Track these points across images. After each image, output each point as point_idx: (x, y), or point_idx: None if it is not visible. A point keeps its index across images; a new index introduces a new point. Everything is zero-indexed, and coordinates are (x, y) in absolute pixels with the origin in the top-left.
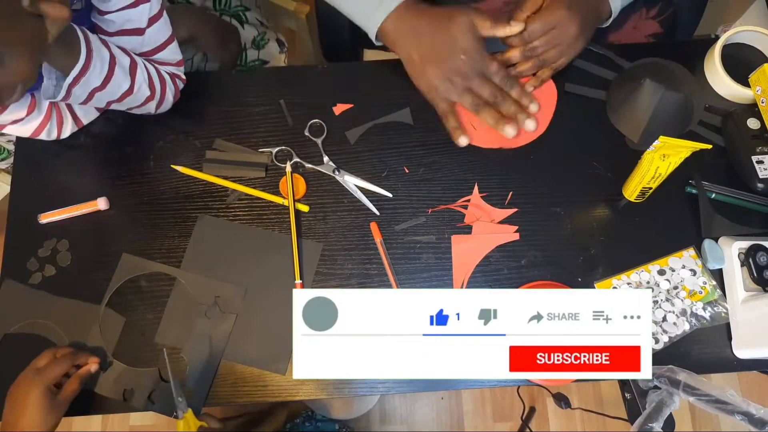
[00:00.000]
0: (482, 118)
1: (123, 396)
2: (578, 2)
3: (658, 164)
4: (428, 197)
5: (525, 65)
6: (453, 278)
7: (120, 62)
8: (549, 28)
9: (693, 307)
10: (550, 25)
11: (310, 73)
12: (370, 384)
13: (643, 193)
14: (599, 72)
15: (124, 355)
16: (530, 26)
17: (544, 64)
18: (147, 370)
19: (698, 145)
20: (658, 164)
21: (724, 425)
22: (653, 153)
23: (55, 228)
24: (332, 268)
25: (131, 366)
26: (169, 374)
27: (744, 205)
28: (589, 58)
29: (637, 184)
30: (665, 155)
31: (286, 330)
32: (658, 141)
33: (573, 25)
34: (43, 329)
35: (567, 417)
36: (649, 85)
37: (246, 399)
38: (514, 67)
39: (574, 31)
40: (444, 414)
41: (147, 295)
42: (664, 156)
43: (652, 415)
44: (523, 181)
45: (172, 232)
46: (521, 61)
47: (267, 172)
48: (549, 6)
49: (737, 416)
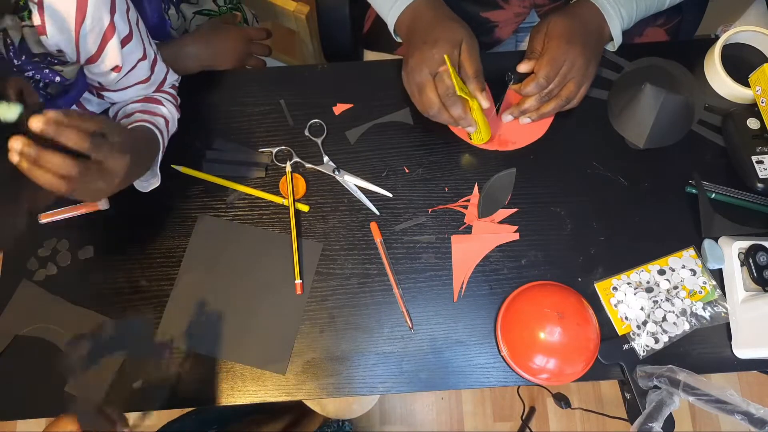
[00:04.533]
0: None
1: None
2: (576, 34)
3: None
4: (428, 197)
5: (547, 107)
6: (453, 278)
7: (165, 114)
8: (558, 70)
9: (693, 307)
10: (558, 67)
11: (310, 73)
12: (370, 384)
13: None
14: (599, 72)
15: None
16: (541, 73)
17: (568, 101)
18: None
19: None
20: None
21: (724, 425)
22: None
23: (55, 228)
24: (332, 268)
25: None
26: None
27: (744, 205)
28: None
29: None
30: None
31: (286, 330)
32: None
33: (579, 57)
34: (53, 335)
35: (567, 417)
36: (650, 89)
37: (246, 399)
38: (537, 112)
39: (582, 62)
40: (444, 414)
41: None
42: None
43: (652, 415)
44: (523, 181)
45: (172, 232)
46: (543, 105)
47: (267, 172)
48: (549, 49)
49: (737, 416)
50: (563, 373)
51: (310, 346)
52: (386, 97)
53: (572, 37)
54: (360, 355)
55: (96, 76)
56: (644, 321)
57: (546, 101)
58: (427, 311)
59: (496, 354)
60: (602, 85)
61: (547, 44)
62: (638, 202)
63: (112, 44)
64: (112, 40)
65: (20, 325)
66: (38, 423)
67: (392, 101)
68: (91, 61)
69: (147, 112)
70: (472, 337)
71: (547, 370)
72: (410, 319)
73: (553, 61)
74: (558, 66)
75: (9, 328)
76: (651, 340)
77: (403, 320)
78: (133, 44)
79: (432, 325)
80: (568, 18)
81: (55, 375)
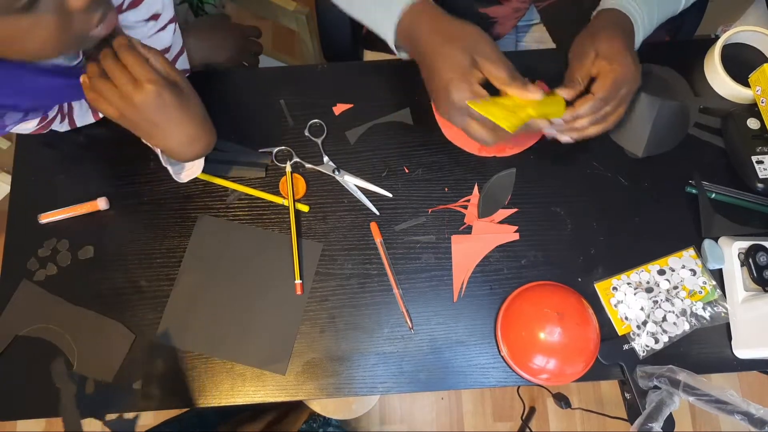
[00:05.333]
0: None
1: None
2: (631, 50)
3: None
4: (428, 197)
5: (595, 129)
6: (453, 278)
7: None
8: (618, 91)
9: (693, 307)
10: (620, 88)
11: (310, 73)
12: (370, 384)
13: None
14: None
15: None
16: (601, 95)
17: (613, 124)
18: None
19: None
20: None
21: (724, 425)
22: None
23: (55, 228)
24: (332, 268)
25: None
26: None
27: (744, 205)
28: None
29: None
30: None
31: (286, 330)
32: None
33: (636, 81)
34: (54, 335)
35: (567, 417)
36: (645, 98)
37: (246, 399)
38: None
39: (636, 84)
40: (444, 414)
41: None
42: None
43: (652, 415)
44: (524, 181)
45: (172, 232)
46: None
47: (267, 172)
48: (613, 68)
49: (737, 416)
50: (563, 374)
51: (310, 347)
52: (386, 97)
53: (629, 57)
54: (360, 355)
55: (130, 29)
56: (644, 321)
57: (599, 122)
58: (427, 311)
59: (496, 354)
60: None
61: (607, 66)
62: (638, 202)
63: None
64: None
65: (20, 325)
66: (38, 423)
67: (392, 101)
68: (134, 4)
69: None
70: (472, 337)
71: (547, 371)
72: (410, 319)
73: (616, 84)
74: (619, 89)
75: (9, 328)
76: (651, 340)
77: (403, 320)
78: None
79: (432, 326)
80: (617, 33)
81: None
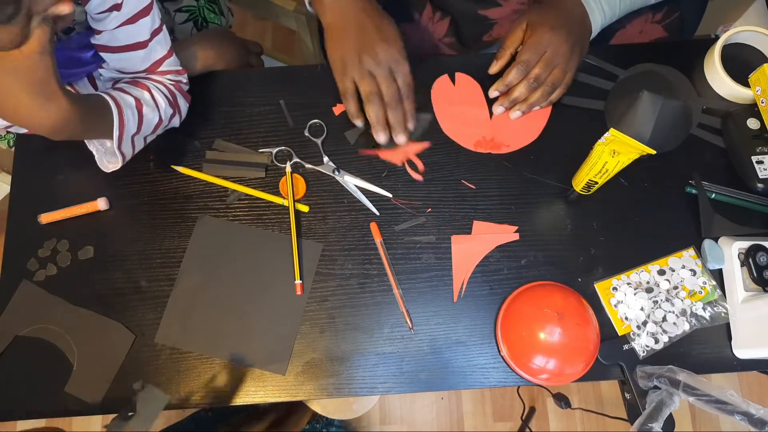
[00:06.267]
0: (368, 109)
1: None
2: (561, 20)
3: (607, 159)
4: (428, 197)
5: (535, 95)
6: (453, 278)
7: (143, 99)
8: (541, 53)
9: (693, 307)
10: (542, 50)
11: (310, 73)
12: (370, 384)
13: (588, 186)
14: (595, 82)
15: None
16: (523, 58)
17: (554, 88)
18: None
19: (645, 149)
20: (606, 159)
21: (724, 425)
22: (603, 145)
23: (55, 228)
24: (332, 268)
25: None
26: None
27: (744, 205)
28: (584, 68)
29: (584, 175)
30: (615, 152)
31: (286, 330)
32: (608, 133)
33: (564, 43)
34: (53, 336)
35: (567, 417)
36: (647, 97)
37: (246, 399)
38: (526, 102)
39: (566, 48)
40: (444, 414)
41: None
42: (614, 152)
43: (652, 415)
44: (523, 181)
45: (172, 232)
46: (530, 93)
47: (267, 172)
48: (534, 33)
49: (737, 416)
50: (563, 374)
51: (310, 347)
52: None
53: (555, 24)
54: (360, 355)
55: (96, 20)
56: (644, 321)
57: (535, 88)
58: (427, 311)
59: (496, 354)
60: (598, 95)
61: (530, 33)
62: (638, 202)
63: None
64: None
65: (20, 326)
66: (38, 423)
67: None
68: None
69: (119, 89)
70: (472, 337)
71: (547, 371)
72: (410, 319)
73: (536, 46)
74: (541, 51)
75: (9, 328)
76: (651, 340)
77: (403, 321)
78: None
79: (432, 326)
80: (549, 7)
81: (55, 375)
